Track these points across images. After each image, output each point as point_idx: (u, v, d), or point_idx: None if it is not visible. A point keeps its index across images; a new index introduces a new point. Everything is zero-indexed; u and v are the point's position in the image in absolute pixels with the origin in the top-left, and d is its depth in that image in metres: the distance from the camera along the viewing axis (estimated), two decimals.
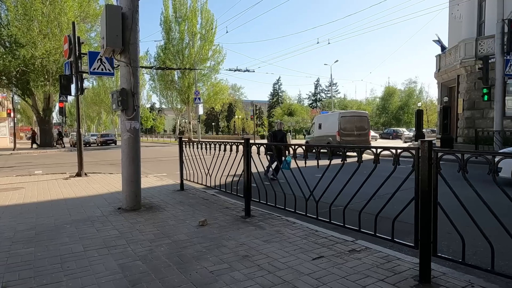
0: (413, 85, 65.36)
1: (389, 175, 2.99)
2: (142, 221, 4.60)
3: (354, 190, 3.32)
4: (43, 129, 28.31)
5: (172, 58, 36.98)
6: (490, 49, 17.88)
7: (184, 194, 6.63)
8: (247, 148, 4.76)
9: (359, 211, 3.33)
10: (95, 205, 5.70)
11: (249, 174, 4.79)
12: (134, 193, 5.23)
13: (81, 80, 9.52)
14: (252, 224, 4.43)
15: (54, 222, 4.59)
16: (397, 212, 3.00)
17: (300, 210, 4.06)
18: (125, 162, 5.20)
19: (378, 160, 3.12)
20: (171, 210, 5.27)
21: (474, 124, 18.79)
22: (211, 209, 5.33)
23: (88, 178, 9.11)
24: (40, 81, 23.56)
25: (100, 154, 22.41)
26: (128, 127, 5.15)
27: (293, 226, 4.34)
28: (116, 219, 4.70)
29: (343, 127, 18.04)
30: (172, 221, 4.61)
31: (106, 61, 9.45)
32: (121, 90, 5.05)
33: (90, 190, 7.22)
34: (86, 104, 69.25)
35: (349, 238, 3.83)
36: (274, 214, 4.90)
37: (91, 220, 4.68)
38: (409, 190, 2.94)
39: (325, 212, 3.75)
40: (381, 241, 3.31)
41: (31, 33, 21.61)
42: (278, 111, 62.27)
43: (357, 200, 3.44)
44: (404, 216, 3.01)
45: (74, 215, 5.00)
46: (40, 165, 14.59)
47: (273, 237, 3.89)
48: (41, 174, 10.57)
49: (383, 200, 3.14)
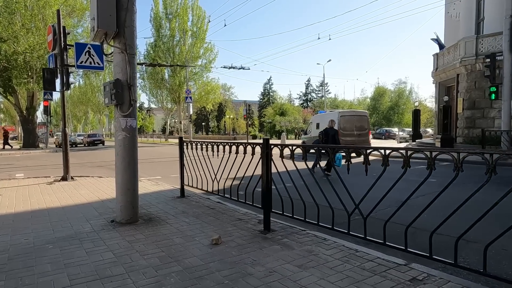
0: (403, 86, 65.57)
1: (424, 179, 2.31)
2: (141, 238, 3.81)
3: (373, 196, 2.95)
4: (26, 129, 26.91)
5: (163, 55, 35.90)
6: (492, 47, 17.55)
7: (186, 202, 5.84)
8: (267, 150, 4.02)
9: (385, 221, 2.88)
10: (84, 216, 4.86)
11: (270, 181, 4.04)
12: (130, 204, 4.43)
13: (66, 74, 8.63)
14: (276, 241, 3.69)
15: (33, 241, 3.76)
16: (432, 222, 2.35)
17: (325, 221, 3.56)
18: (120, 167, 4.39)
19: (409, 164, 2.79)
20: (175, 223, 4.48)
21: (475, 124, 18.43)
22: (221, 221, 4.56)
23: (75, 183, 8.22)
24: (23, 78, 22.32)
25: (87, 155, 21.32)
26: (124, 125, 4.34)
27: (325, 244, 3.61)
28: (109, 236, 3.89)
29: (342, 126, 17.43)
30: (178, 238, 3.83)
31: (95, 53, 8.60)
32: (115, 81, 4.25)
33: (78, 197, 6.37)
34: (73, 103, 67.46)
35: (400, 261, 3.12)
36: (297, 228, 4.17)
37: (79, 237, 3.87)
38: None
39: (343, 223, 3.26)
40: (433, 262, 2.79)
41: (13, 27, 20.37)
42: (270, 111, 61.52)
43: (380, 208, 3.14)
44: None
45: (59, 230, 4.18)
46: (22, 167, 13.54)
47: (307, 260, 3.16)
48: (22, 177, 9.61)
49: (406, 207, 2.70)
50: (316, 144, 7.40)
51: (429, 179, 2.78)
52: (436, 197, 2.67)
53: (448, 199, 4.03)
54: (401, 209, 2.88)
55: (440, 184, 2.74)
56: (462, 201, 2.50)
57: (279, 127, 52.36)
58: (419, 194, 2.88)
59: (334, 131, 10.24)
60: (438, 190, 2.65)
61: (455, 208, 2.55)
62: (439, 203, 2.84)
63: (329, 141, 9.92)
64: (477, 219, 2.43)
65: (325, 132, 10.14)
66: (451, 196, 3.87)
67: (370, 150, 3.18)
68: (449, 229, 3.35)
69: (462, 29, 21.18)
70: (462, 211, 2.55)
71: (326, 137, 9.96)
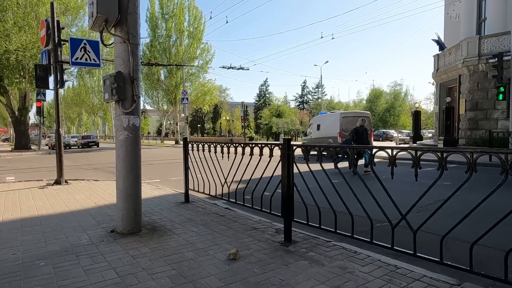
0: (398, 88, 65.56)
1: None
2: (147, 252, 3.34)
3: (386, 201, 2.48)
4: (18, 130, 26.16)
5: (159, 56, 35.29)
6: (495, 47, 17.32)
7: (192, 208, 5.37)
8: (288, 152, 3.57)
9: (413, 230, 2.63)
10: (80, 225, 4.37)
11: (292, 187, 3.60)
12: (133, 211, 3.95)
13: (61, 71, 8.11)
14: (301, 255, 3.24)
15: (22, 256, 3.26)
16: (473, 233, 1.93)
17: (344, 229, 3.27)
18: (122, 170, 3.91)
19: (445, 166, 2.44)
20: (182, 233, 4.01)
21: (477, 125, 18.16)
22: (234, 230, 4.10)
23: (69, 187, 7.69)
24: (15, 78, 21.64)
25: (82, 157, 20.70)
26: (126, 123, 3.87)
27: (358, 258, 3.17)
28: (110, 250, 3.41)
29: (344, 128, 17.04)
30: (189, 251, 3.36)
31: (91, 49, 8.12)
32: (117, 75, 3.78)
33: (73, 203, 5.86)
34: (66, 104, 66.52)
35: (450, 280, 2.69)
36: (320, 238, 3.73)
37: (75, 252, 3.38)
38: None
39: (364, 231, 2.88)
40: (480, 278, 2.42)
41: (4, 25, 19.71)
42: (266, 112, 61.13)
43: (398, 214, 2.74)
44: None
45: (52, 242, 3.69)
46: (13, 170, 12.95)
47: (343, 280, 2.71)
48: (13, 181, 9.06)
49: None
50: (344, 144, 7.25)
51: (443, 182, 2.54)
52: (472, 209, 2.26)
53: (461, 202, 3.71)
54: (421, 215, 2.58)
55: (455, 187, 2.44)
56: (476, 205, 2.10)
57: (276, 129, 51.97)
58: (439, 198, 2.59)
59: (363, 129, 10.21)
60: (456, 194, 2.43)
61: (498, 216, 2.15)
62: (456, 207, 2.53)
63: (360, 140, 9.93)
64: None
65: (355, 131, 10.12)
66: (462, 199, 3.57)
67: (397, 151, 2.78)
68: (468, 235, 3.02)
69: (463, 29, 20.98)
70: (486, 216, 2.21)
71: (356, 136, 9.93)
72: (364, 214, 3.03)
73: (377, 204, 2.90)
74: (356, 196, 3.08)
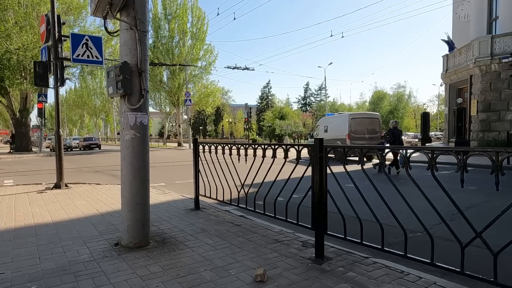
0: (401, 90, 64.97)
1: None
2: (158, 272, 2.84)
3: None
4: (19, 132, 25.71)
5: (162, 57, 34.84)
6: (508, 47, 16.85)
7: (203, 216, 4.87)
8: (320, 154, 3.08)
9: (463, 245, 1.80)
10: (80, 236, 3.89)
11: (325, 195, 3.10)
12: (140, 222, 3.46)
13: (61, 69, 7.65)
14: (339, 276, 2.74)
15: (11, 277, 2.78)
16: None
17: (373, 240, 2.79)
18: (127, 175, 3.42)
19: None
20: (197, 246, 3.52)
21: (490, 127, 17.64)
22: (254, 243, 3.61)
23: (69, 191, 7.21)
24: (16, 78, 21.23)
25: (83, 159, 20.24)
26: (132, 121, 3.39)
27: (408, 281, 2.67)
28: (115, 268, 2.92)
29: (353, 129, 16.54)
30: (207, 271, 2.87)
31: (94, 46, 7.68)
32: (123, 65, 3.30)
33: (72, 209, 5.38)
34: (68, 106, 66.39)
35: None
36: (356, 254, 3.23)
37: (73, 270, 2.89)
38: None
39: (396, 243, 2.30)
40: None
41: (5, 25, 19.32)
42: (269, 114, 60.54)
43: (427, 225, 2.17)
44: None
45: (47, 258, 3.20)
46: (13, 172, 12.48)
47: None
48: (11, 185, 8.59)
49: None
50: (381, 145, 7.81)
51: (468, 187, 2.27)
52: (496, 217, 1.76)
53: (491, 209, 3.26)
54: (454, 224, 2.35)
55: (482, 191, 2.05)
56: None
57: (279, 131, 51.48)
58: (468, 204, 2.25)
59: (399, 131, 10.77)
60: (487, 199, 2.08)
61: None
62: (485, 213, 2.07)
63: (397, 142, 10.57)
64: None
65: (391, 132, 10.63)
66: (492, 206, 3.14)
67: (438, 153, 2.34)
68: None
69: (473, 29, 20.50)
70: None
71: (394, 137, 10.44)
72: (395, 223, 2.55)
73: (414, 215, 2.42)
74: (387, 204, 2.58)
